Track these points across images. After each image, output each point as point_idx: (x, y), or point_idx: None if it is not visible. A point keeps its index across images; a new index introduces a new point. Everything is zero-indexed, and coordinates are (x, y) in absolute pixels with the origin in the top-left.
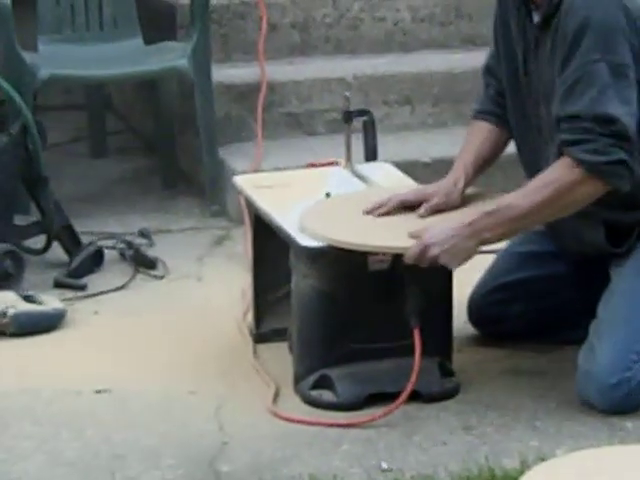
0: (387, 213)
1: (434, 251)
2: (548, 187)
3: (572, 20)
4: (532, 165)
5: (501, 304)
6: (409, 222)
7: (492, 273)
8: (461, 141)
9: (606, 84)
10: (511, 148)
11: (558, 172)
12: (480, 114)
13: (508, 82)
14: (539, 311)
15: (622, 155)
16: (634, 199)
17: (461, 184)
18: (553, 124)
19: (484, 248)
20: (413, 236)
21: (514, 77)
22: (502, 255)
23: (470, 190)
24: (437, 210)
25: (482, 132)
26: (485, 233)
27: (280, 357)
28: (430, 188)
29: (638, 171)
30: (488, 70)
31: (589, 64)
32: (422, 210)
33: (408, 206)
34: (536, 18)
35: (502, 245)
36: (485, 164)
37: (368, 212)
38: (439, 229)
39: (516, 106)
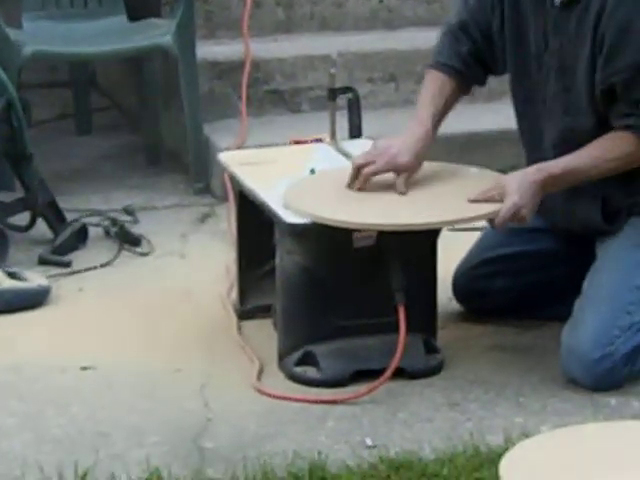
0: (363, 187)
1: (524, 211)
2: (618, 160)
3: (618, 6)
4: (534, 138)
5: (486, 279)
6: (392, 196)
7: (478, 248)
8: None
9: None
10: (494, 125)
11: (629, 148)
12: (446, 67)
13: (515, 63)
14: (524, 287)
15: None
16: (630, 174)
17: (428, 144)
18: (567, 96)
19: (469, 225)
20: (485, 198)
21: (523, 58)
22: (488, 230)
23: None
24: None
25: (446, 88)
26: (549, 189)
27: (264, 334)
28: (399, 159)
29: None
30: (463, 26)
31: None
32: (401, 188)
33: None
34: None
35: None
36: (442, 119)
37: (347, 187)
38: (521, 189)
39: (523, 86)
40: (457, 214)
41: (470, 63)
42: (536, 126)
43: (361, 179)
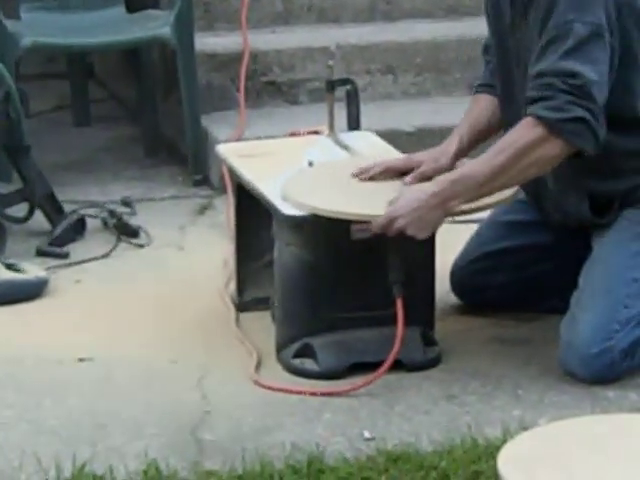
0: (371, 178)
1: (400, 222)
2: (509, 149)
3: None
4: None
5: (484, 273)
6: (392, 190)
7: (475, 242)
8: (443, 110)
9: (577, 43)
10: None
11: (519, 132)
12: (480, 87)
13: (496, 53)
14: (522, 280)
15: (582, 113)
16: (616, 167)
17: (452, 151)
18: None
19: (467, 217)
20: (389, 205)
21: (501, 48)
22: (486, 224)
23: (464, 160)
24: (425, 178)
25: (480, 103)
26: (451, 202)
27: (262, 326)
28: (419, 156)
29: (614, 138)
30: (486, 49)
31: (563, 24)
32: (408, 178)
33: (397, 174)
34: None
35: (485, 214)
36: (482, 133)
37: (355, 175)
38: (405, 200)
39: (502, 76)
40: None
41: None
42: (513, 117)
43: (374, 169)
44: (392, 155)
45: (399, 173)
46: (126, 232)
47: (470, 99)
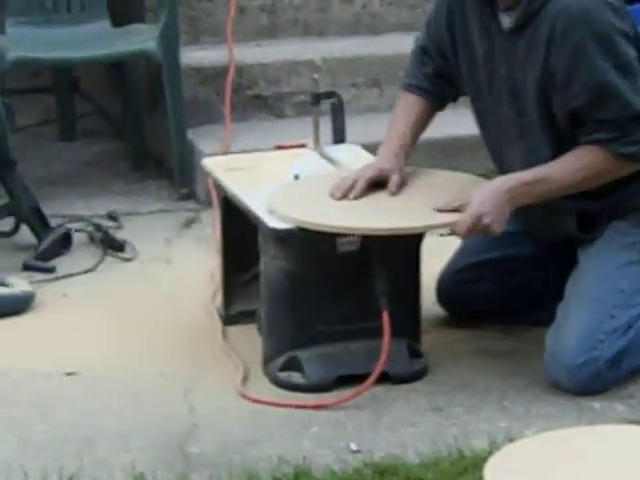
0: (359, 196)
1: (486, 220)
2: (589, 170)
3: (569, 27)
4: (497, 158)
5: (470, 283)
6: (375, 202)
7: (462, 253)
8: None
9: (622, 87)
10: (477, 130)
11: (599, 160)
12: (415, 88)
13: (469, 80)
14: (507, 291)
15: None
16: (604, 187)
17: (403, 154)
18: (522, 120)
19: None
20: (449, 208)
21: (475, 82)
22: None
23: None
24: (403, 185)
25: (414, 105)
26: (521, 199)
27: (249, 339)
28: (378, 164)
29: None
30: (423, 50)
31: (600, 75)
32: (394, 189)
33: (371, 185)
34: (507, 22)
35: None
36: (417, 137)
37: (340, 198)
38: (483, 198)
39: (479, 109)
40: (437, 220)
41: (438, 82)
42: (496, 149)
43: (358, 187)
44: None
45: (374, 184)
46: (112, 246)
47: (402, 95)
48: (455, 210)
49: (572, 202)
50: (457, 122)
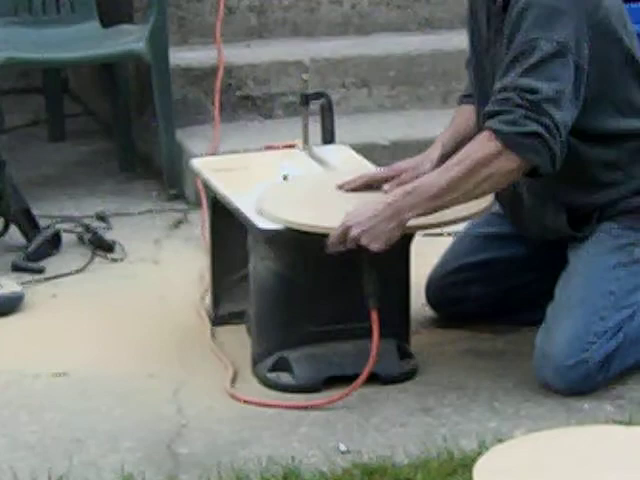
0: (354, 189)
1: (354, 232)
2: (464, 162)
3: (517, 1)
4: None
5: (460, 285)
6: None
7: (451, 255)
8: (418, 123)
9: (539, 60)
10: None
11: (475, 145)
12: (463, 98)
13: (475, 70)
14: (497, 293)
15: (536, 128)
16: (593, 179)
17: (435, 157)
18: None
19: (445, 230)
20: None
21: (480, 65)
22: (461, 237)
23: None
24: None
25: (463, 112)
26: (405, 213)
27: (238, 340)
28: (403, 164)
29: (589, 150)
30: (469, 61)
31: (528, 42)
32: (387, 186)
33: (380, 185)
34: (498, 2)
35: (460, 227)
36: (464, 141)
37: (339, 186)
38: (361, 210)
39: (481, 94)
40: (428, 219)
41: None
42: None
43: (358, 180)
44: (367, 168)
45: (383, 184)
46: (101, 247)
47: (455, 109)
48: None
49: (561, 198)
50: None
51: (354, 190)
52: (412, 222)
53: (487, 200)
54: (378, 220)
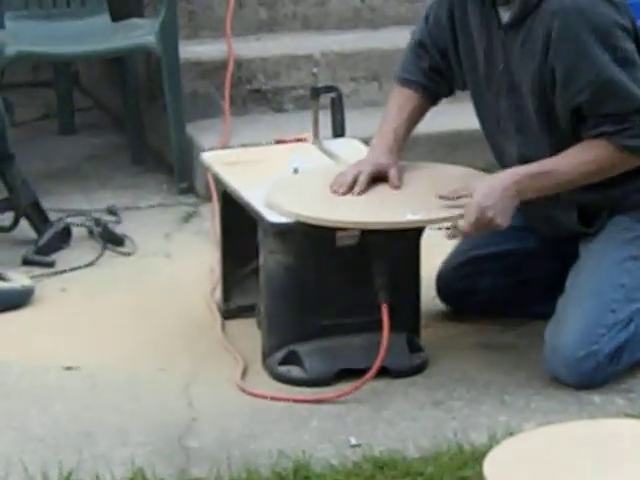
0: (363, 191)
1: (490, 213)
2: (594, 163)
3: (567, 25)
4: (496, 152)
5: (470, 278)
6: (375, 195)
7: (462, 247)
8: (427, 116)
9: (625, 81)
10: (477, 124)
11: (604, 152)
12: (409, 83)
13: (471, 82)
14: (508, 285)
15: None
16: (605, 181)
17: (396, 150)
18: (519, 114)
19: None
20: (454, 197)
21: (475, 78)
22: None
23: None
24: (400, 179)
25: (410, 101)
26: (528, 192)
27: (248, 333)
28: (373, 158)
29: None
30: (421, 45)
31: (602, 70)
32: (396, 182)
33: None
34: (506, 16)
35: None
36: (410, 132)
37: (343, 192)
38: (488, 190)
39: (479, 105)
40: (440, 213)
41: (433, 78)
42: (497, 144)
43: (361, 184)
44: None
45: (373, 179)
46: (112, 240)
47: (396, 88)
48: (458, 204)
49: (573, 196)
50: (457, 117)
51: (360, 193)
52: (420, 216)
53: None
54: (507, 199)
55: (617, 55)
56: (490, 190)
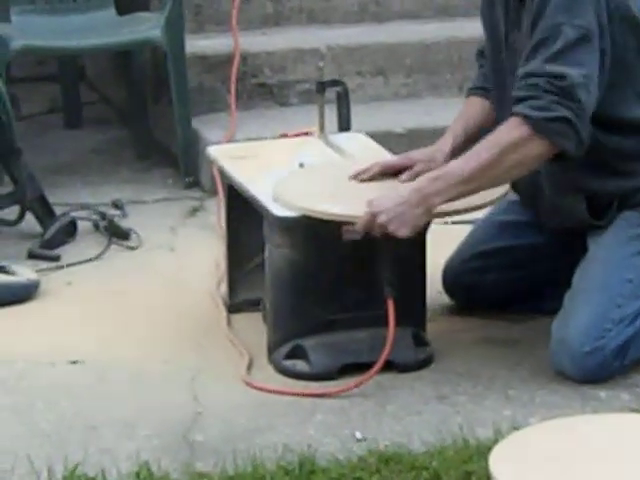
0: (370, 179)
1: (382, 219)
2: (493, 147)
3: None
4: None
5: (477, 272)
6: (385, 190)
7: (470, 241)
8: (434, 111)
9: (565, 45)
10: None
11: (504, 131)
12: (472, 90)
13: (491, 59)
14: (515, 280)
15: (566, 113)
16: (613, 168)
17: (447, 149)
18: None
19: (461, 218)
20: (368, 204)
21: (497, 54)
22: (480, 224)
23: None
24: (419, 176)
25: (473, 105)
26: (433, 199)
27: (254, 327)
28: (415, 154)
29: (609, 139)
30: (480, 53)
31: (552, 27)
32: (404, 177)
33: (393, 173)
34: None
35: (479, 215)
36: (475, 134)
37: (353, 177)
38: (388, 196)
39: (498, 82)
40: (446, 207)
41: None
42: (505, 115)
43: (373, 169)
44: (383, 156)
45: (395, 172)
46: (117, 234)
47: (463, 101)
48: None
49: (582, 187)
50: None
51: (369, 179)
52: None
53: (503, 188)
54: (405, 206)
55: (575, 23)
56: (388, 198)
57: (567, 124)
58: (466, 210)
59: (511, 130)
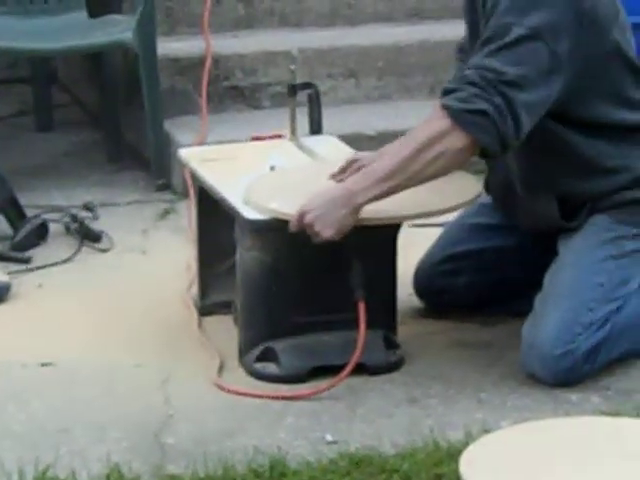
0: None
1: (308, 218)
2: (413, 141)
3: None
4: None
5: (448, 275)
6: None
7: (441, 244)
8: (406, 114)
9: (509, 43)
10: None
11: (425, 123)
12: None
13: (471, 55)
14: (486, 283)
15: (485, 106)
16: (586, 170)
17: None
18: None
19: (434, 221)
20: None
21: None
22: (451, 226)
23: None
24: None
25: None
26: (357, 198)
27: (225, 330)
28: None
29: (582, 140)
30: (460, 49)
31: (501, 26)
32: (337, 173)
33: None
34: None
35: (450, 217)
36: None
37: (333, 176)
38: (317, 195)
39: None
40: (417, 209)
41: None
42: None
43: (351, 168)
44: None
45: None
46: (88, 237)
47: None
48: None
49: (554, 188)
50: None
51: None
52: (397, 212)
53: (476, 189)
54: (331, 206)
55: (522, 23)
56: (317, 197)
57: (485, 117)
58: (438, 212)
59: (432, 121)
